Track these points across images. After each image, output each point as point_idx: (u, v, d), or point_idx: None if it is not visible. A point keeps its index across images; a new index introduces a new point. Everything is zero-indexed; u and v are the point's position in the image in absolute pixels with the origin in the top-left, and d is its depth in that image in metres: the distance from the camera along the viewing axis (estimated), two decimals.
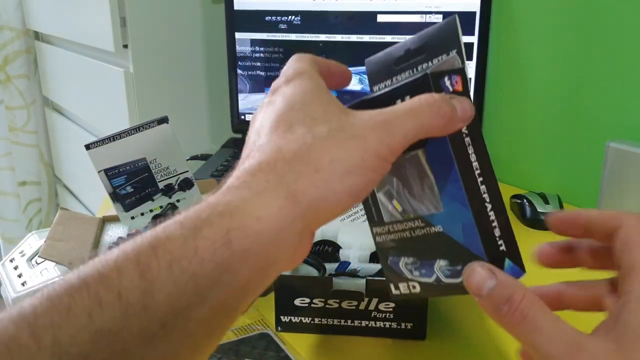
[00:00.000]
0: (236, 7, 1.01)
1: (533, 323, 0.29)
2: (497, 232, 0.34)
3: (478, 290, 0.31)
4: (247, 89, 1.04)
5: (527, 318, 0.29)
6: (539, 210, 0.80)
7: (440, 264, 0.35)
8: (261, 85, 1.04)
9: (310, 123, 0.30)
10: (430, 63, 0.36)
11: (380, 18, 0.94)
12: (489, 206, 0.34)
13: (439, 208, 0.35)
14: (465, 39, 0.86)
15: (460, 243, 0.34)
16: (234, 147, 1.06)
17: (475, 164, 0.34)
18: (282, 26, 0.99)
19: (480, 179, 0.34)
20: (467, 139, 0.33)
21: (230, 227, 0.27)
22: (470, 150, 0.34)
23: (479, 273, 0.31)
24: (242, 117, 1.06)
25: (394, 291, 0.39)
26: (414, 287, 0.37)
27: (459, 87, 0.33)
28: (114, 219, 0.69)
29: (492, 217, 0.34)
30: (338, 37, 0.97)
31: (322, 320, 0.57)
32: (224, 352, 0.54)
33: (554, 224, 0.35)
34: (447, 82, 0.33)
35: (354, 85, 0.96)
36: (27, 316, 0.23)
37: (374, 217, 0.39)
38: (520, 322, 0.29)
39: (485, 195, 0.34)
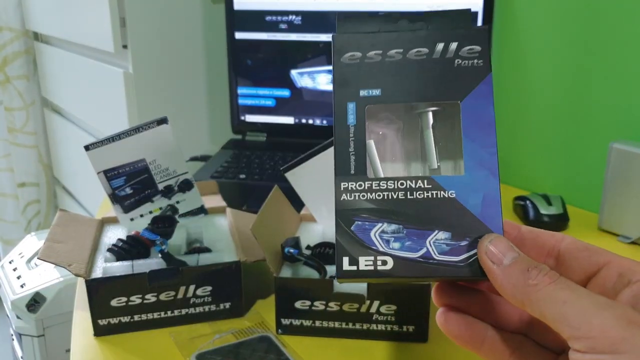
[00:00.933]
0: (236, 7, 1.00)
1: (566, 282, 0.28)
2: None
3: (499, 258, 0.29)
4: (247, 89, 1.04)
5: (560, 278, 0.28)
6: (541, 212, 0.80)
7: (438, 236, 0.31)
8: (261, 85, 1.03)
9: None
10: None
11: None
12: None
13: (458, 171, 0.32)
14: None
15: (474, 214, 0.31)
16: (234, 149, 1.06)
17: None
18: (283, 26, 0.99)
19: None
20: None
21: None
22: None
23: (504, 242, 0.30)
24: (242, 118, 1.05)
25: (346, 267, 0.31)
26: (383, 262, 0.31)
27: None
28: (113, 221, 0.69)
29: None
30: None
31: (323, 323, 0.56)
32: (224, 355, 0.53)
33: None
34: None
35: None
36: None
37: (350, 168, 0.33)
38: (552, 282, 0.28)
39: None
